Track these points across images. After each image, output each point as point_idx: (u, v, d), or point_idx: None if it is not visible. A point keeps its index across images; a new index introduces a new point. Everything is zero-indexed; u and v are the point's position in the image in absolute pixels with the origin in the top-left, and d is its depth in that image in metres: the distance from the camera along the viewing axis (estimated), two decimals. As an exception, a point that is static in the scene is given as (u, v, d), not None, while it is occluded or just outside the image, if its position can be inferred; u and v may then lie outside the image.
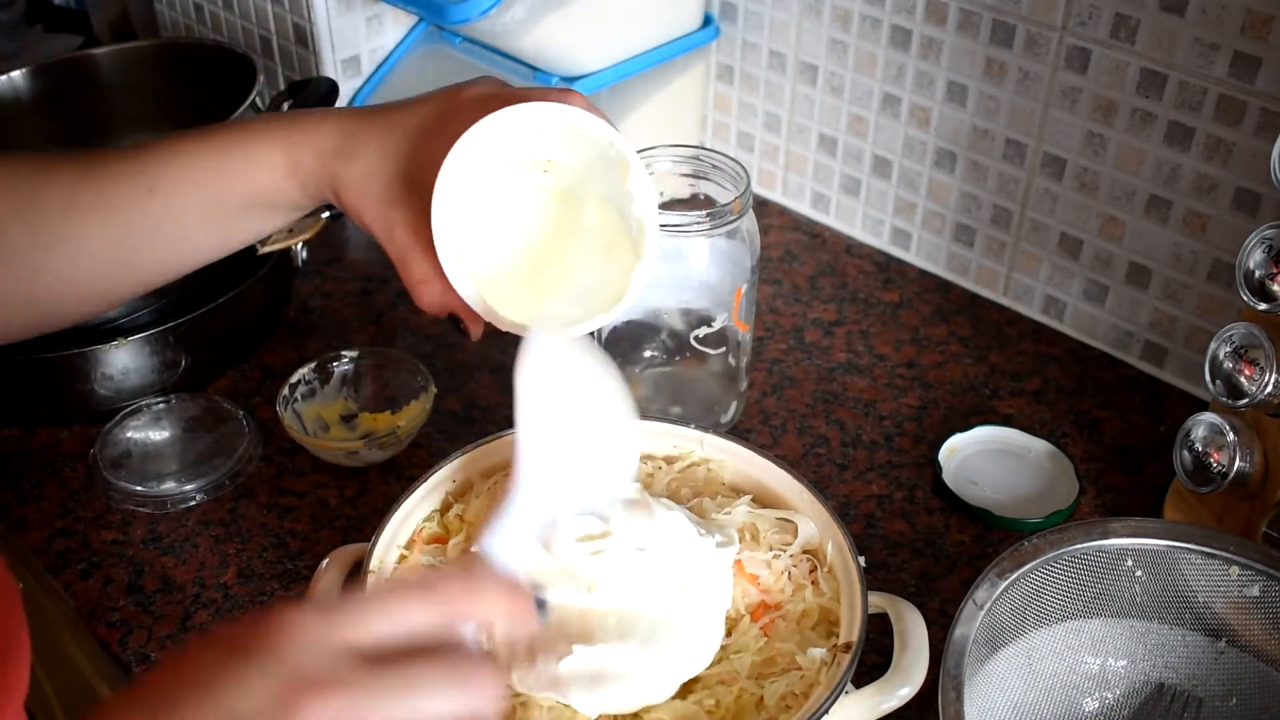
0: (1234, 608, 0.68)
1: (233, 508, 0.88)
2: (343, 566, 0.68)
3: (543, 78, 1.05)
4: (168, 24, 1.43)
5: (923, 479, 0.90)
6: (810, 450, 0.93)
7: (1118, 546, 0.68)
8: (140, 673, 0.76)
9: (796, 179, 1.18)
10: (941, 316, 1.06)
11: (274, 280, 1.00)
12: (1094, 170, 0.96)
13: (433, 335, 1.04)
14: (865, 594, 0.65)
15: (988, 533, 0.86)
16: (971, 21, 0.98)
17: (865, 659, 0.63)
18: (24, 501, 0.89)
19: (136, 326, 0.91)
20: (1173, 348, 0.98)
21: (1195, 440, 0.78)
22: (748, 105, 1.18)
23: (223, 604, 0.81)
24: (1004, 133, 1.00)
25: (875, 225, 1.14)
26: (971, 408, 0.96)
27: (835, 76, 1.10)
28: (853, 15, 1.05)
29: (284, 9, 1.22)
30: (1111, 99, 0.93)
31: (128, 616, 0.80)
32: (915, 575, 0.83)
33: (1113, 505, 0.88)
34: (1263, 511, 0.75)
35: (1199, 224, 0.92)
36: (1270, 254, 0.71)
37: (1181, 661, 0.69)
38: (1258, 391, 0.72)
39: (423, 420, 0.91)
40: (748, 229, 0.85)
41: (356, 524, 0.86)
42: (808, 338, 1.04)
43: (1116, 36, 0.90)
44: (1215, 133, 0.88)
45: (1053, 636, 0.69)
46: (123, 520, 0.87)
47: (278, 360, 1.01)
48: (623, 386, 0.64)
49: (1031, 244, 1.03)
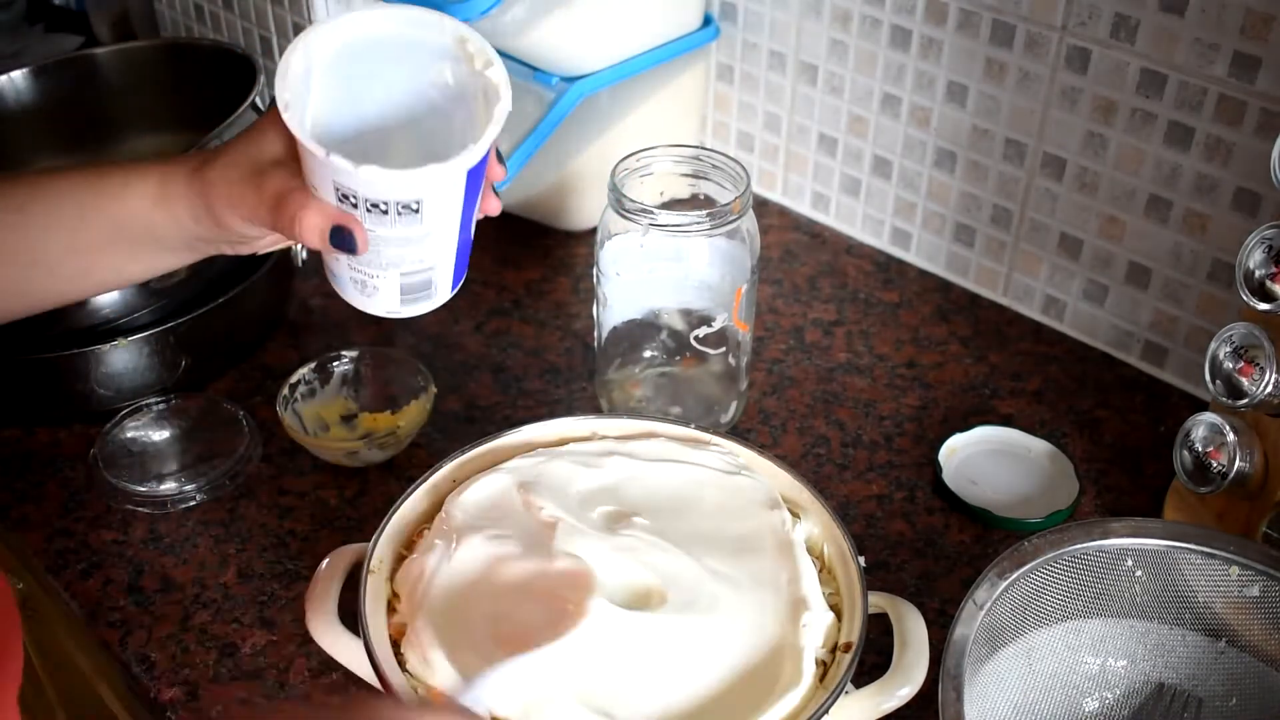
0: (1234, 608, 0.68)
1: (233, 508, 0.88)
2: (343, 566, 0.68)
3: (542, 77, 1.05)
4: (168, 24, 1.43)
5: (923, 479, 0.90)
6: (810, 450, 0.93)
7: (1118, 546, 0.68)
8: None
9: (796, 179, 1.18)
10: (941, 316, 1.06)
11: (274, 280, 1.00)
12: (1094, 170, 0.96)
13: (433, 335, 1.04)
14: (865, 594, 0.65)
15: (988, 533, 0.86)
16: (971, 21, 0.98)
17: (865, 659, 0.63)
18: (24, 501, 0.89)
19: (136, 326, 0.91)
20: (1173, 348, 0.98)
21: (1195, 440, 0.78)
22: (748, 105, 1.18)
23: (223, 604, 0.81)
24: (1004, 133, 1.00)
25: (875, 225, 1.14)
26: (971, 408, 0.96)
27: (835, 76, 1.10)
28: (853, 15, 1.05)
29: (284, 9, 1.22)
30: (1111, 99, 0.93)
31: (128, 616, 0.80)
32: (915, 575, 0.83)
33: (1113, 505, 0.88)
34: (1263, 511, 0.75)
35: (1199, 224, 0.92)
36: (1270, 254, 0.71)
37: (1181, 661, 0.69)
38: (1258, 391, 0.72)
39: (423, 420, 0.91)
40: (748, 229, 0.85)
41: (356, 524, 0.86)
42: (808, 338, 1.04)
43: (1116, 36, 0.90)
44: (1215, 133, 0.88)
45: (1053, 636, 0.69)
46: (123, 520, 0.87)
47: (278, 360, 1.01)
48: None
49: (1031, 244, 1.03)
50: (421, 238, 0.61)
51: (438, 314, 1.05)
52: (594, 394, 0.97)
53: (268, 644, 0.78)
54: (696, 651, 0.62)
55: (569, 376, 1.00)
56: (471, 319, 1.06)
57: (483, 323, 1.06)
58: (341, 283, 0.66)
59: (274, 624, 0.79)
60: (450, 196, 0.60)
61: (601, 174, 0.88)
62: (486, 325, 1.05)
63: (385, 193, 0.58)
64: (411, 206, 0.59)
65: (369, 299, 0.65)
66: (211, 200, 0.64)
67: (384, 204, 0.59)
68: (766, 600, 0.64)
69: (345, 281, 0.65)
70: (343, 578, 0.68)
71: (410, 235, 0.61)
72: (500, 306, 1.07)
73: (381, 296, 0.65)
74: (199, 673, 0.76)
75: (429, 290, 0.66)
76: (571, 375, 1.00)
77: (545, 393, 0.98)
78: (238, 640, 0.78)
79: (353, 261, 0.63)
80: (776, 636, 0.63)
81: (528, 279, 1.11)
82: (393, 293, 0.65)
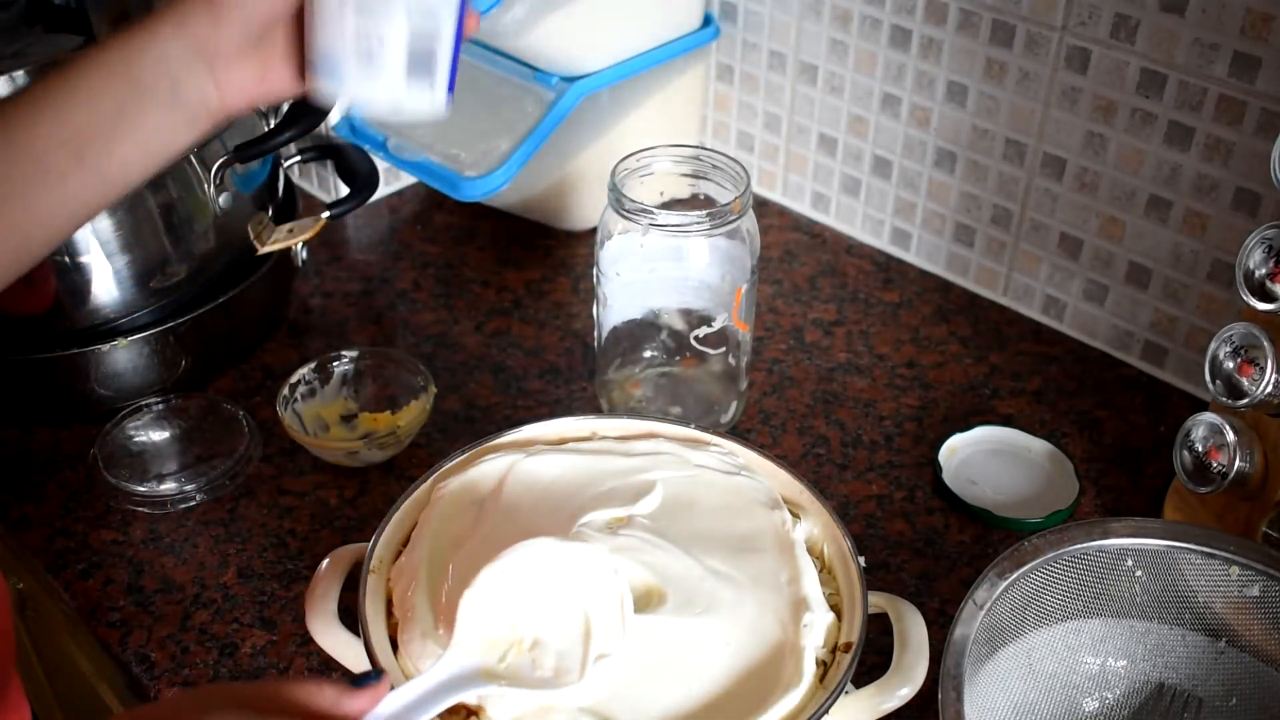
0: (1234, 608, 0.68)
1: (233, 508, 0.88)
2: (343, 566, 0.68)
3: (542, 77, 1.05)
4: (168, 24, 1.43)
5: (923, 479, 0.90)
6: (810, 450, 0.93)
7: (1118, 546, 0.68)
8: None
9: (796, 179, 1.18)
10: (941, 316, 1.06)
11: (274, 280, 1.00)
12: (1094, 170, 0.96)
13: (433, 335, 1.04)
14: (865, 594, 0.65)
15: (988, 533, 0.86)
16: (971, 21, 0.98)
17: (865, 659, 0.63)
18: (24, 501, 0.89)
19: (136, 326, 0.91)
20: (1173, 348, 0.98)
21: (1195, 440, 0.78)
22: (748, 105, 1.18)
23: (223, 604, 0.81)
24: (1004, 133, 1.00)
25: (875, 225, 1.14)
26: (971, 408, 0.96)
27: (835, 76, 1.10)
28: (853, 15, 1.05)
29: (284, 9, 1.22)
30: (1111, 99, 0.93)
31: (128, 616, 0.80)
32: (915, 575, 0.83)
33: (1113, 505, 0.88)
34: (1263, 511, 0.75)
35: (1199, 224, 0.92)
36: (1270, 254, 0.71)
37: (1181, 661, 0.69)
38: (1258, 391, 0.72)
39: (423, 420, 0.91)
40: (748, 229, 0.85)
41: (356, 524, 0.86)
42: (808, 338, 1.04)
43: (1116, 36, 0.90)
44: (1215, 133, 0.88)
45: (1053, 636, 0.69)
46: (123, 520, 0.87)
47: (278, 360, 1.01)
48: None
49: (1031, 244, 1.03)
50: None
51: (438, 314, 1.06)
52: (594, 394, 0.97)
53: (267, 644, 0.78)
54: (696, 651, 0.62)
55: (569, 376, 1.00)
56: (471, 319, 1.06)
57: (483, 323, 1.06)
58: (340, 61, 0.64)
59: (274, 624, 0.79)
60: None
61: (601, 174, 0.88)
62: (486, 325, 1.05)
63: None
64: None
65: (373, 73, 0.64)
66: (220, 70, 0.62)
67: None
68: (767, 600, 0.64)
69: (347, 54, 0.64)
70: (343, 578, 0.68)
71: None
72: (500, 306, 1.08)
73: (387, 66, 0.64)
74: (199, 673, 0.76)
75: (431, 69, 0.65)
76: (571, 375, 1.00)
77: (545, 393, 0.98)
78: (238, 640, 0.78)
79: (364, 10, 0.62)
80: (777, 636, 0.63)
81: (528, 279, 1.11)
82: (399, 59, 0.64)
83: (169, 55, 0.62)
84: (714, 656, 0.62)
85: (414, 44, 0.64)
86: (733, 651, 0.62)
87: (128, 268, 0.90)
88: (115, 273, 0.89)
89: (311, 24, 0.64)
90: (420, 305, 1.08)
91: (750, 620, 0.63)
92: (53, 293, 0.89)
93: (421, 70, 0.65)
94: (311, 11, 0.63)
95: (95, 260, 0.88)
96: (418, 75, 0.65)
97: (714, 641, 0.62)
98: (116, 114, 0.62)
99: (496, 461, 0.72)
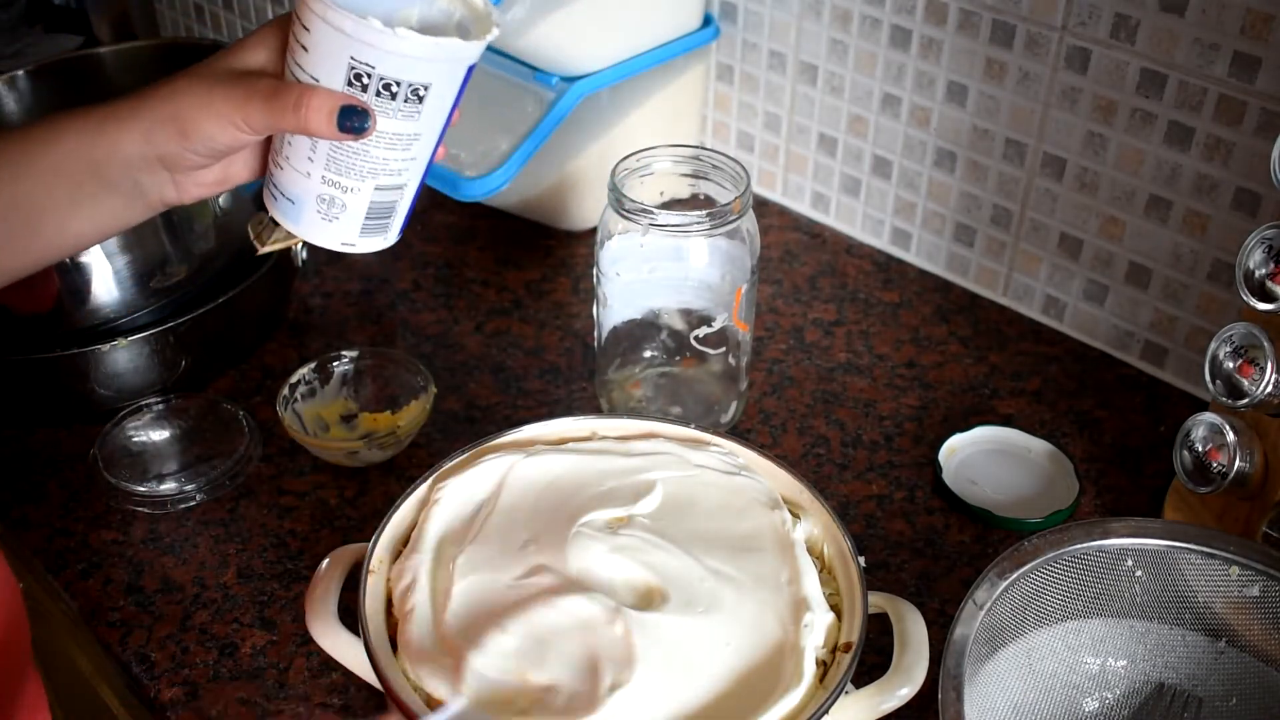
0: (1234, 608, 0.68)
1: (233, 508, 0.88)
2: (343, 566, 0.68)
3: (542, 77, 1.05)
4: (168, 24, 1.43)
5: (923, 479, 0.90)
6: (810, 450, 0.93)
7: (1118, 546, 0.68)
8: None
9: (796, 179, 1.18)
10: (941, 316, 1.06)
11: (274, 280, 1.00)
12: (1094, 170, 0.96)
13: (433, 335, 1.04)
14: (865, 594, 0.65)
15: (988, 533, 0.86)
16: (971, 21, 0.98)
17: (865, 659, 0.63)
18: (24, 501, 0.89)
19: (136, 327, 0.91)
20: (1173, 348, 0.98)
21: (1195, 440, 0.78)
22: (748, 105, 1.18)
23: (223, 604, 0.81)
24: (1004, 133, 1.00)
25: (875, 225, 1.14)
26: (971, 408, 0.96)
27: (835, 76, 1.10)
28: (853, 15, 1.05)
29: (284, 9, 1.22)
30: (1111, 99, 0.93)
31: (128, 616, 0.80)
32: (915, 575, 0.83)
33: (1113, 505, 0.88)
34: (1263, 511, 0.75)
35: (1199, 224, 0.92)
36: (1270, 254, 0.71)
37: (1181, 661, 0.69)
38: (1258, 391, 0.72)
39: (423, 420, 0.91)
40: (748, 229, 0.85)
41: (357, 524, 0.86)
42: (808, 338, 1.04)
43: (1116, 36, 0.90)
44: (1215, 133, 0.88)
45: (1053, 636, 0.69)
46: (123, 520, 0.87)
47: (278, 360, 1.01)
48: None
49: (1031, 244, 1.03)
50: (411, 139, 0.62)
51: (438, 314, 1.06)
52: (594, 394, 0.97)
53: (267, 644, 0.78)
54: (697, 651, 0.62)
55: (569, 376, 1.00)
56: (471, 319, 1.06)
57: (483, 323, 1.06)
58: (300, 206, 0.65)
59: (274, 624, 0.79)
60: (448, 90, 0.62)
61: (601, 174, 0.88)
62: (486, 325, 1.05)
63: (405, 68, 0.59)
64: (419, 92, 0.60)
65: (330, 224, 0.65)
66: (180, 106, 0.61)
67: (396, 85, 0.60)
68: (767, 600, 0.65)
69: (309, 202, 0.64)
70: (343, 578, 0.68)
71: (403, 132, 0.62)
72: (500, 306, 1.08)
73: (345, 219, 0.65)
74: (199, 673, 0.76)
75: (388, 220, 0.66)
76: (571, 375, 1.00)
77: (545, 393, 0.98)
78: (237, 640, 0.78)
79: (332, 169, 0.63)
80: (777, 636, 0.63)
81: (528, 279, 1.11)
82: (358, 214, 0.65)
83: (133, 161, 0.63)
84: (714, 656, 0.62)
85: (375, 207, 0.65)
86: (733, 651, 0.62)
87: (128, 268, 0.90)
88: (115, 273, 0.89)
89: (278, 161, 0.65)
90: (420, 305, 1.08)
91: (750, 620, 0.63)
92: (53, 293, 0.89)
93: (378, 227, 0.66)
94: (279, 151, 0.64)
95: (95, 260, 0.88)
96: (373, 231, 0.66)
97: (714, 641, 0.62)
98: (73, 193, 0.64)
99: (496, 461, 0.72)
